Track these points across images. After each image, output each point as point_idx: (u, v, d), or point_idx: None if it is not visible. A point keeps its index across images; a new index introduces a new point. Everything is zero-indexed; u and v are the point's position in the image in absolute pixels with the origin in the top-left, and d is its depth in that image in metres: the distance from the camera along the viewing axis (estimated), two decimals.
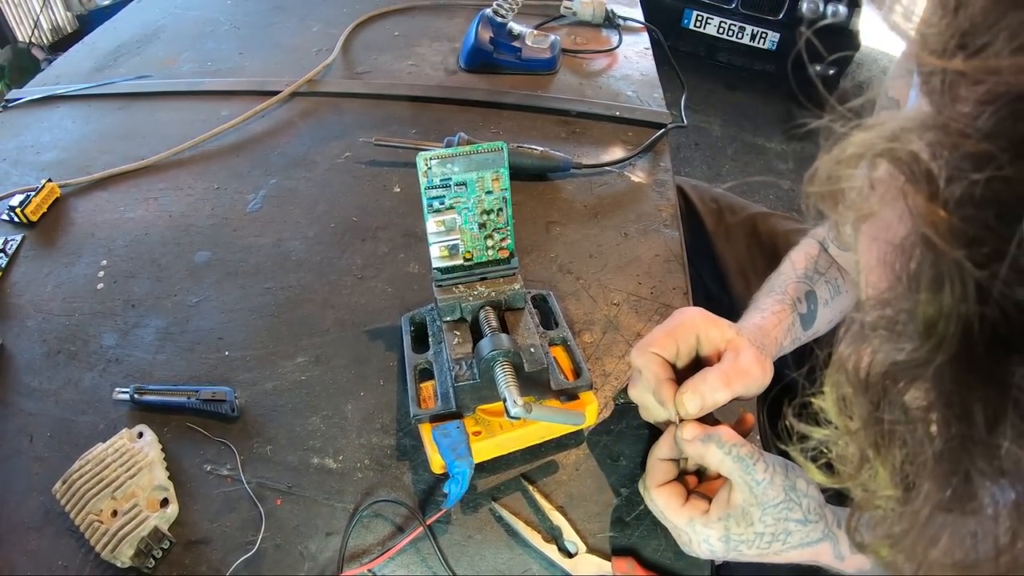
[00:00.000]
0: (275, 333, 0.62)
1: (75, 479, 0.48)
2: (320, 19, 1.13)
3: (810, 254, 0.64)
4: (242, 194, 0.77)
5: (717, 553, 0.44)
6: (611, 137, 0.87)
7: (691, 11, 3.05)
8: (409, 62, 1.02)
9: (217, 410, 0.54)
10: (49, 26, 2.99)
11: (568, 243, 0.71)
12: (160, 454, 0.51)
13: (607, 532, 0.49)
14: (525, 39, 0.98)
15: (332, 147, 0.84)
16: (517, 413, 0.44)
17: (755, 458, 0.43)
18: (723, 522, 0.43)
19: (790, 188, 2.68)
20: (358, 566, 0.46)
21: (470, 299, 0.54)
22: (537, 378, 0.50)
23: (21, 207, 0.72)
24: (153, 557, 0.45)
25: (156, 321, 0.63)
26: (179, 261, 0.69)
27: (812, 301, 0.60)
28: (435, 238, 0.54)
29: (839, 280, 0.63)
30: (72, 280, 0.67)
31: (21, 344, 0.61)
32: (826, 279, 0.62)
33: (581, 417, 0.49)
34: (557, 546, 0.47)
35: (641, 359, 0.48)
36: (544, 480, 0.51)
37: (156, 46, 1.08)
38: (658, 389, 0.47)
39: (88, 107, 0.93)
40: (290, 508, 0.49)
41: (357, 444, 0.53)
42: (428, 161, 0.52)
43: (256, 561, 0.47)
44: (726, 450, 0.43)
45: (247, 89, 0.94)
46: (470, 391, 0.50)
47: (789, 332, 0.56)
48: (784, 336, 0.55)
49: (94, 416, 0.55)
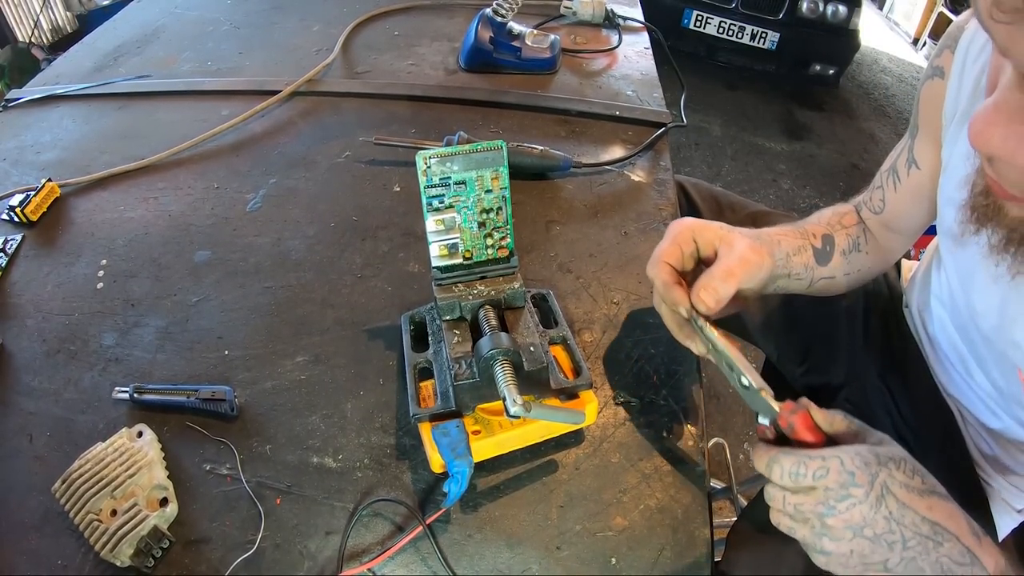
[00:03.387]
0: (275, 332, 0.62)
1: (75, 478, 0.47)
2: (320, 19, 1.13)
3: (839, 211, 0.67)
4: (242, 194, 0.77)
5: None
6: (611, 136, 0.87)
7: (691, 11, 3.05)
8: (409, 62, 1.02)
9: (216, 409, 0.54)
10: (49, 26, 2.99)
11: (568, 242, 0.71)
12: (160, 453, 0.51)
13: (607, 532, 0.49)
14: (525, 39, 0.98)
15: (332, 147, 0.84)
16: (516, 412, 0.44)
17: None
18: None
19: (790, 188, 2.68)
20: (358, 565, 0.46)
21: (470, 298, 0.54)
22: (537, 377, 0.50)
23: (21, 207, 0.72)
24: (152, 556, 0.45)
25: (156, 320, 0.63)
26: (179, 261, 0.69)
27: (828, 243, 0.62)
28: (435, 237, 0.54)
29: (862, 240, 0.65)
30: (72, 280, 0.67)
31: (21, 344, 0.61)
32: (848, 233, 0.64)
33: (581, 416, 0.49)
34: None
35: (653, 270, 0.51)
36: (544, 479, 0.51)
37: (156, 46, 1.08)
38: (668, 293, 0.50)
39: (88, 107, 0.93)
40: (289, 507, 0.49)
41: (357, 443, 0.53)
42: (428, 160, 0.52)
43: (256, 560, 0.46)
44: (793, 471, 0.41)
45: (247, 89, 0.94)
46: (470, 390, 0.50)
47: (800, 252, 0.58)
48: (793, 249, 0.58)
49: (94, 415, 0.55)
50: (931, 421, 0.68)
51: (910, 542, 0.39)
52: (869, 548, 0.40)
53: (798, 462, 0.40)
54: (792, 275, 0.58)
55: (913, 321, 0.73)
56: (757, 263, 0.50)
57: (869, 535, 0.40)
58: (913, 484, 0.40)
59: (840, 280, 0.64)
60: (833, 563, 0.41)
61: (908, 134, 0.63)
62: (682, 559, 0.47)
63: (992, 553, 0.40)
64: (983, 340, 0.57)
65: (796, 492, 0.41)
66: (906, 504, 0.39)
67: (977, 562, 0.40)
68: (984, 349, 0.58)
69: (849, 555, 0.40)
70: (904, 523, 0.39)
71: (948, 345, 0.65)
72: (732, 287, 0.48)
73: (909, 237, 0.67)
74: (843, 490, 0.39)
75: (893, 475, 0.40)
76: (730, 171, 2.74)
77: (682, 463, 0.52)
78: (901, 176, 0.63)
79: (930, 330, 0.69)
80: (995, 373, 0.58)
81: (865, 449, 0.40)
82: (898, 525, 0.39)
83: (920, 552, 0.40)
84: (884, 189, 0.65)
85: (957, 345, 0.63)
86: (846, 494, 0.39)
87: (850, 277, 0.64)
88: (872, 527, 0.39)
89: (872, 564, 0.40)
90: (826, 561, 0.42)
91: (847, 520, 0.40)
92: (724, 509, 1.28)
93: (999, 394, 0.59)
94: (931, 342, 0.69)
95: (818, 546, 0.41)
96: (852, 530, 0.40)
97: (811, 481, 0.40)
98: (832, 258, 0.62)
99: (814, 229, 0.62)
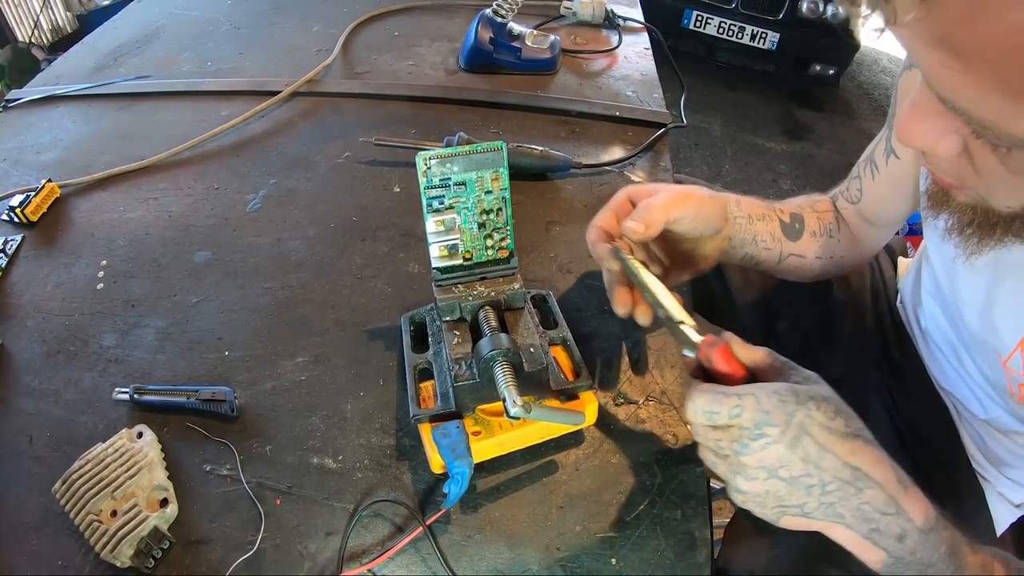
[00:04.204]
0: (275, 333, 0.62)
1: (75, 479, 0.47)
2: (320, 19, 1.13)
3: (812, 198, 0.68)
4: (242, 194, 0.77)
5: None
6: (611, 137, 0.87)
7: (691, 11, 3.05)
8: (409, 62, 1.02)
9: (217, 410, 0.54)
10: (49, 26, 2.99)
11: (568, 243, 0.71)
12: (160, 454, 0.51)
13: (607, 532, 0.49)
14: (525, 39, 0.98)
15: (332, 147, 0.84)
16: (516, 413, 0.44)
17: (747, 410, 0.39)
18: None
19: (790, 188, 2.68)
20: (358, 566, 0.46)
21: (469, 299, 0.54)
22: (537, 378, 0.50)
23: (21, 207, 0.72)
24: (153, 557, 0.45)
25: (156, 321, 0.63)
26: (179, 261, 0.69)
27: (798, 220, 0.63)
28: (434, 238, 0.54)
29: (835, 227, 0.66)
30: (72, 280, 0.67)
31: (21, 344, 0.61)
32: (820, 218, 0.65)
33: (581, 417, 0.49)
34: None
35: (588, 235, 0.53)
36: (544, 480, 0.51)
37: (156, 46, 1.08)
38: (594, 250, 0.52)
39: (88, 107, 0.93)
40: (290, 508, 0.49)
41: (357, 444, 0.53)
42: (428, 161, 0.52)
43: (256, 561, 0.46)
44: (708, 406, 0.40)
45: (247, 89, 0.94)
46: (470, 391, 0.50)
47: (766, 220, 0.60)
48: (757, 215, 0.59)
49: (94, 416, 0.55)
50: (926, 416, 0.68)
51: (829, 486, 0.38)
52: (785, 490, 0.39)
53: (713, 400, 0.39)
54: (759, 242, 0.59)
55: (907, 316, 0.73)
56: (697, 199, 0.52)
57: (785, 476, 0.38)
58: (834, 426, 0.39)
59: (812, 263, 0.64)
60: (750, 502, 0.41)
61: (887, 124, 0.63)
62: (682, 559, 0.47)
63: (920, 504, 0.39)
64: (967, 329, 0.58)
65: (715, 429, 0.40)
66: (825, 447, 0.38)
67: (902, 513, 0.39)
68: (969, 337, 0.58)
69: (765, 495, 0.40)
70: (823, 466, 0.38)
71: (940, 337, 0.66)
72: (661, 214, 0.50)
73: (885, 229, 0.68)
74: (757, 429, 0.38)
75: (812, 415, 0.38)
76: (730, 171, 2.74)
77: (682, 463, 0.52)
78: (879, 165, 0.63)
79: (923, 323, 0.69)
80: (981, 361, 0.58)
81: (784, 387, 0.39)
82: (816, 468, 0.38)
83: (840, 498, 0.38)
84: (861, 179, 0.65)
85: (948, 336, 0.64)
86: (760, 433, 0.38)
87: (822, 262, 0.65)
88: (788, 468, 0.38)
89: (789, 507, 0.39)
90: (743, 500, 0.41)
91: (761, 460, 0.39)
92: (724, 509, 1.28)
93: (988, 383, 0.59)
94: (924, 335, 0.69)
95: (734, 484, 0.40)
96: (766, 470, 0.39)
97: (726, 419, 0.39)
98: (802, 236, 0.63)
99: (783, 207, 0.63)
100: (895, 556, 0.39)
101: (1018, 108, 0.29)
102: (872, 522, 0.39)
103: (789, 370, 0.42)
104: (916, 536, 0.39)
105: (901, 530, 0.39)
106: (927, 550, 0.39)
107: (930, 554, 0.39)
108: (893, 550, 0.39)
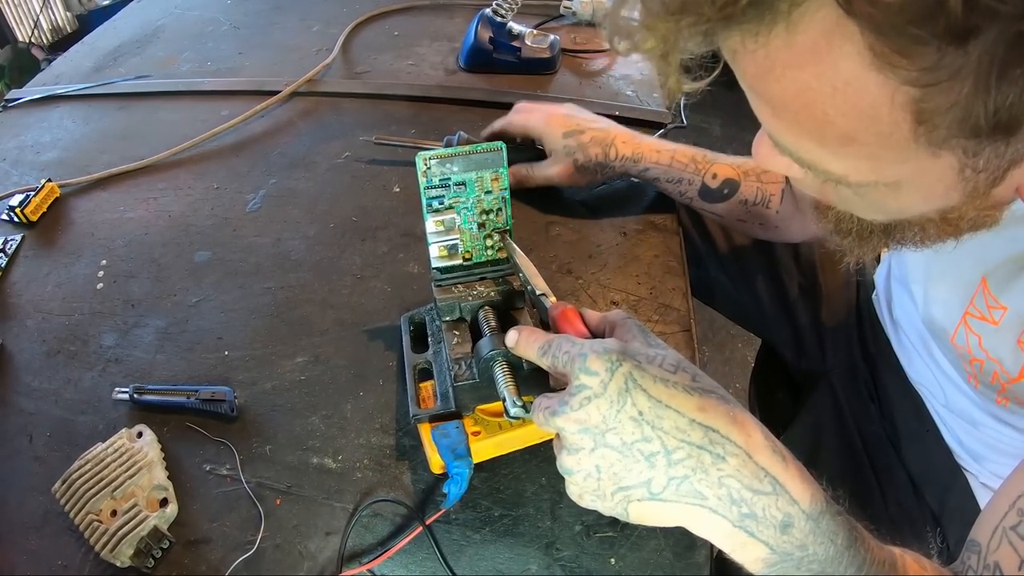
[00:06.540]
0: (275, 333, 0.62)
1: (75, 479, 0.48)
2: (320, 19, 1.13)
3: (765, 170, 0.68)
4: (242, 194, 0.77)
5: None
6: None
7: None
8: (409, 62, 1.02)
9: (216, 410, 0.54)
10: (49, 26, 2.98)
11: (567, 243, 0.71)
12: (160, 454, 0.51)
13: (606, 532, 0.49)
14: (525, 39, 0.98)
15: (332, 147, 0.84)
16: (517, 413, 0.44)
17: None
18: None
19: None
20: (357, 566, 0.46)
21: (469, 299, 0.54)
22: (537, 378, 0.50)
23: (21, 207, 0.72)
24: (153, 557, 0.45)
25: (156, 321, 0.63)
26: (179, 261, 0.69)
27: (728, 186, 0.65)
28: (434, 238, 0.54)
29: (774, 198, 0.66)
30: (72, 280, 0.67)
31: (21, 344, 0.61)
32: (762, 188, 0.65)
33: None
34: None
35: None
36: (544, 480, 0.51)
37: (156, 46, 1.08)
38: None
39: (88, 107, 0.93)
40: (289, 508, 0.49)
41: (356, 444, 0.53)
42: (427, 161, 0.52)
43: (255, 561, 0.47)
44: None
45: (247, 89, 0.93)
46: (469, 391, 0.50)
47: (682, 181, 0.65)
48: (672, 176, 0.65)
49: (94, 416, 0.55)
50: (905, 409, 0.68)
51: (676, 453, 0.30)
52: (620, 463, 0.32)
53: (529, 334, 0.39)
54: (668, 181, 0.67)
55: (880, 308, 0.74)
56: (545, 108, 0.65)
57: (615, 443, 0.31)
58: (675, 379, 0.32)
59: (734, 224, 0.69)
60: (586, 493, 0.34)
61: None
62: (681, 559, 0.47)
63: (805, 483, 0.31)
64: (920, 311, 0.58)
65: (548, 400, 0.35)
66: (662, 401, 0.31)
67: (782, 491, 0.31)
68: (929, 321, 0.58)
69: (596, 475, 0.32)
70: (662, 427, 0.31)
71: (910, 327, 0.66)
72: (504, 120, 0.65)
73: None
74: (576, 380, 0.32)
75: (644, 368, 0.32)
76: None
77: None
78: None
79: (895, 314, 0.69)
80: (941, 345, 0.58)
81: (615, 342, 0.33)
82: (653, 429, 0.31)
83: (693, 468, 0.30)
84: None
85: (917, 325, 0.64)
86: (580, 385, 0.32)
87: (746, 225, 0.67)
88: (618, 432, 0.31)
89: (632, 488, 0.32)
90: (576, 490, 0.34)
91: (581, 420, 0.32)
92: None
93: (953, 369, 0.59)
94: (895, 326, 0.69)
95: (559, 464, 0.34)
96: (590, 435, 0.32)
97: (536, 356, 0.37)
98: (726, 201, 0.65)
99: (718, 169, 0.65)
100: (780, 552, 0.31)
101: (826, 152, 0.30)
102: (743, 503, 0.30)
103: (642, 335, 0.36)
104: (804, 523, 0.31)
105: (784, 515, 0.30)
106: (820, 541, 0.31)
107: (825, 547, 0.31)
108: (776, 543, 0.31)
